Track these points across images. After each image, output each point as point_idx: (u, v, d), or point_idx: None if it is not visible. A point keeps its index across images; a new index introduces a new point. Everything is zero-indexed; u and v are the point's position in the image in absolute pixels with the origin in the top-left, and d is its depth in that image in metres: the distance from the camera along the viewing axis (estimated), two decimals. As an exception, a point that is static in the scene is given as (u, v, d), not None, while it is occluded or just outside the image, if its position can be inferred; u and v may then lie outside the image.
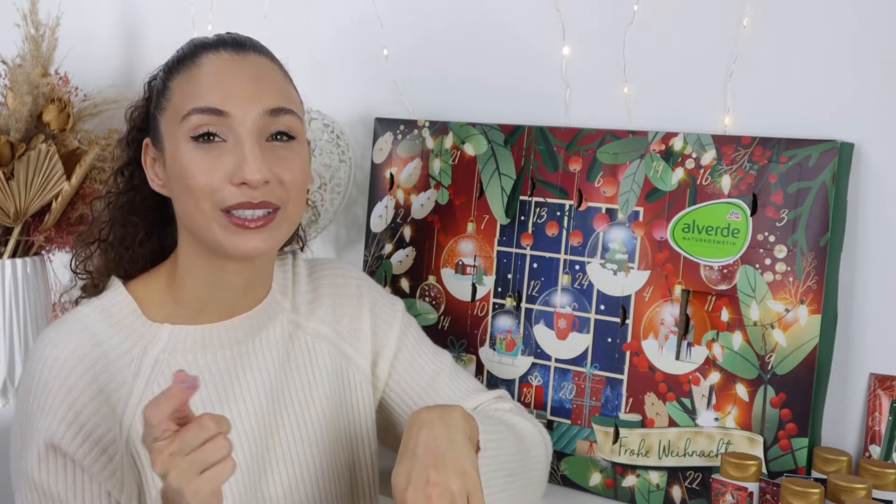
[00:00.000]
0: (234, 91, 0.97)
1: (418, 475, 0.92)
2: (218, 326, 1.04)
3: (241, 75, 0.98)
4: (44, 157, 1.48)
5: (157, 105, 1.02)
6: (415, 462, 0.93)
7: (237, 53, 1.00)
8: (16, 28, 1.55)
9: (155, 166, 1.03)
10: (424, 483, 0.92)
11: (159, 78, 1.04)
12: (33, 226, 1.55)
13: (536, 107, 1.34)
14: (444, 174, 1.36)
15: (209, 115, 0.96)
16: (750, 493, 1.04)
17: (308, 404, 1.08)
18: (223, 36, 1.03)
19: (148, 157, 1.04)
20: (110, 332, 1.01)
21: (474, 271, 1.33)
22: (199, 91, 0.97)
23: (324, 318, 1.12)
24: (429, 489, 0.91)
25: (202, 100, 0.97)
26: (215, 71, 0.98)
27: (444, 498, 0.91)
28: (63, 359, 0.97)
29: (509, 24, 1.36)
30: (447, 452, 0.94)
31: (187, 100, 0.98)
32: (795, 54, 1.15)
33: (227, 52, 1.00)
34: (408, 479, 0.92)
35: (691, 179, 1.16)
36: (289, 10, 1.58)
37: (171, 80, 1.00)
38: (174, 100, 0.99)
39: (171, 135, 0.99)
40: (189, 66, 1.00)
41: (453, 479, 0.92)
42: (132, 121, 1.08)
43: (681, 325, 1.16)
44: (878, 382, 1.11)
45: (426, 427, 0.96)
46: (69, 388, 0.96)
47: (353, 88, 1.52)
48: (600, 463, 1.21)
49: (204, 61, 0.99)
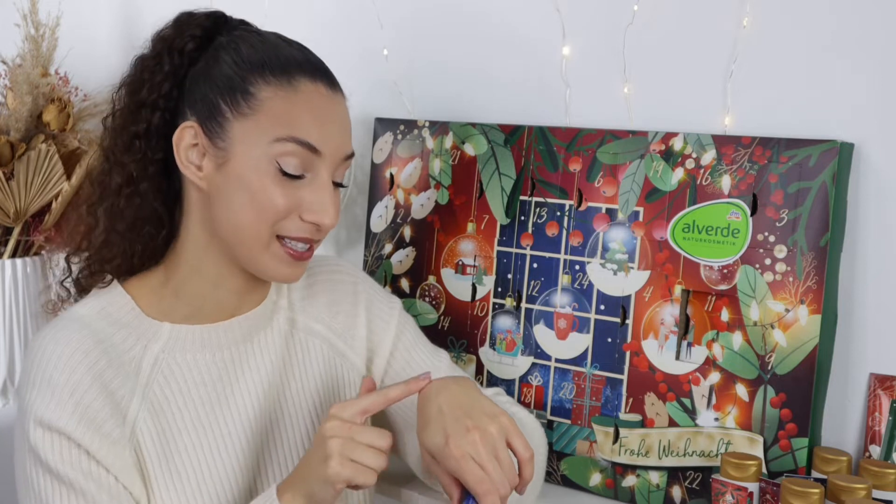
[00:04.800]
0: (330, 134, 0.99)
1: (454, 427, 0.92)
2: (217, 327, 1.04)
3: (336, 118, 1.01)
4: (44, 157, 1.48)
5: (232, 102, 0.97)
6: (444, 419, 0.93)
7: (331, 91, 1.01)
8: (16, 28, 1.55)
9: (193, 153, 0.99)
10: (464, 431, 0.91)
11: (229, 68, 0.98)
12: (33, 226, 1.55)
13: (536, 107, 1.34)
14: (444, 174, 1.36)
15: (306, 150, 0.97)
16: (750, 493, 1.04)
17: (303, 402, 1.08)
18: (311, 57, 1.02)
19: (186, 138, 0.99)
20: (111, 331, 1.00)
21: (474, 271, 1.33)
22: (299, 121, 0.97)
23: (317, 314, 1.13)
24: (470, 434, 0.91)
25: (303, 132, 0.97)
26: (316, 105, 0.99)
27: (488, 440, 0.91)
28: (67, 355, 0.96)
29: (509, 23, 1.36)
30: (473, 403, 0.95)
31: (285, 124, 0.97)
32: (795, 54, 1.15)
33: (324, 87, 1.00)
34: (445, 435, 0.92)
35: (691, 179, 1.16)
36: (288, 10, 1.58)
37: (256, 87, 0.97)
38: (264, 113, 0.97)
39: (249, 145, 0.97)
40: (284, 86, 0.98)
41: (489, 423, 0.92)
42: (150, 82, 1.01)
43: (681, 325, 1.16)
44: (878, 382, 1.11)
45: (442, 391, 0.96)
46: (75, 385, 0.95)
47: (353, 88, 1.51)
48: (600, 463, 1.21)
49: (302, 88, 0.99)
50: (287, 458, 1.06)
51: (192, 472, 0.99)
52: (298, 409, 1.08)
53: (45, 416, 0.94)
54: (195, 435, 1.01)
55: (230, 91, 0.98)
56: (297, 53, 1.01)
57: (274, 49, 1.00)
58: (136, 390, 0.99)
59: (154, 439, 0.99)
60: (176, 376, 1.01)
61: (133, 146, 1.01)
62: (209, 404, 1.02)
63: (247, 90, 0.97)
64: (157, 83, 1.01)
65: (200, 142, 0.98)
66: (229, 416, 1.03)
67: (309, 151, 0.97)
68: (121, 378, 0.98)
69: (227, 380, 1.03)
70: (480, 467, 0.90)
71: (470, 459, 0.90)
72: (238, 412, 1.03)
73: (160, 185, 1.03)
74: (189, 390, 1.02)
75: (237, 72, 0.98)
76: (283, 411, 1.07)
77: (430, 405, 0.95)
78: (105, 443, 0.95)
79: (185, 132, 0.99)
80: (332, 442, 0.89)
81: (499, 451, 0.91)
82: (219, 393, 1.03)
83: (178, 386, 1.01)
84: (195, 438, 1.01)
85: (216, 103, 0.98)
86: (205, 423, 1.01)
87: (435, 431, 0.93)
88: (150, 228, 1.03)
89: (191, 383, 1.02)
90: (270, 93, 0.97)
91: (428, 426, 0.94)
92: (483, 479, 0.90)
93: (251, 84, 0.98)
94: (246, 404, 1.04)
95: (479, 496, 0.90)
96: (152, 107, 1.00)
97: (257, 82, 0.98)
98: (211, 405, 1.02)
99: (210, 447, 1.01)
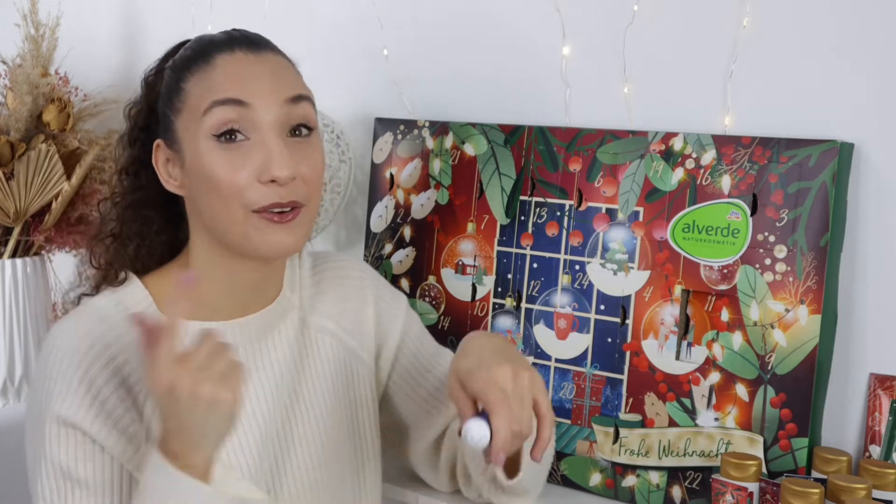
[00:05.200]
0: (254, 84, 0.97)
1: (492, 358, 0.91)
2: (231, 324, 1.05)
3: (259, 71, 0.99)
4: (44, 157, 1.48)
5: (171, 106, 1.01)
6: (484, 352, 0.93)
7: (252, 52, 1.00)
8: (16, 28, 1.55)
9: (169, 167, 1.02)
10: (500, 363, 0.91)
11: (167, 77, 1.03)
12: (33, 226, 1.55)
13: (536, 107, 1.34)
14: (444, 174, 1.36)
15: (230, 107, 0.96)
16: (750, 493, 1.04)
17: (315, 398, 1.09)
18: (234, 34, 1.02)
19: (160, 157, 1.03)
20: (129, 325, 1.01)
21: (474, 271, 1.33)
22: (217, 86, 0.97)
23: (327, 311, 1.13)
24: (504, 368, 0.90)
25: (222, 93, 0.97)
26: (233, 69, 0.98)
27: (519, 381, 0.90)
28: (85, 348, 0.96)
29: (509, 23, 1.36)
30: (513, 352, 0.95)
31: (205, 96, 0.97)
32: (795, 54, 1.15)
33: (242, 52, 1.00)
34: (480, 361, 0.91)
35: (691, 179, 1.16)
36: (288, 10, 1.58)
37: (185, 82, 1.00)
38: (190, 100, 0.99)
39: (189, 135, 0.98)
40: (203, 67, 0.99)
41: (524, 368, 0.92)
42: (132, 119, 1.07)
43: (681, 325, 1.16)
44: (878, 382, 1.11)
45: (484, 336, 0.97)
46: (92, 379, 0.95)
47: (353, 88, 1.52)
48: (600, 463, 1.21)
49: (219, 61, 0.99)
50: (300, 455, 1.06)
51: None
52: (311, 407, 1.08)
53: (62, 411, 0.94)
54: None
55: (169, 97, 1.02)
56: (221, 36, 1.02)
57: (199, 43, 1.02)
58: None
59: None
60: None
61: (129, 180, 1.07)
62: None
63: (179, 88, 1.00)
64: (134, 117, 1.07)
65: (168, 154, 1.02)
66: (242, 412, 1.03)
67: (236, 106, 0.96)
68: (139, 373, 0.98)
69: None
70: (503, 394, 0.90)
71: (496, 385, 0.90)
72: (252, 409, 1.03)
73: (166, 207, 1.07)
74: None
75: (172, 77, 1.02)
76: (295, 408, 1.07)
77: (472, 342, 0.97)
78: (122, 438, 0.95)
79: (157, 152, 1.03)
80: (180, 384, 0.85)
81: (524, 394, 0.91)
82: None
83: None
84: None
85: (165, 113, 1.02)
86: None
87: (471, 357, 0.93)
88: (164, 252, 1.08)
89: None
90: (193, 80, 0.99)
91: (465, 354, 0.95)
92: (503, 400, 0.89)
93: (182, 81, 1.00)
94: (259, 401, 1.04)
95: (494, 414, 0.89)
96: (131, 141, 1.07)
97: (184, 78, 1.00)
98: None
99: (224, 443, 1.01)
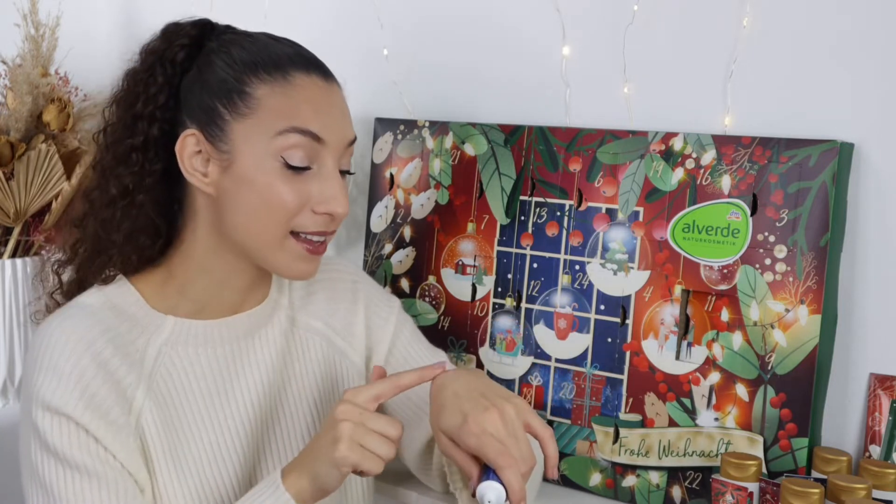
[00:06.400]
0: (330, 122, 1.00)
1: (473, 406, 0.91)
2: (220, 323, 1.06)
3: (334, 106, 1.02)
4: (44, 157, 1.48)
5: (231, 106, 0.98)
6: (461, 401, 0.93)
7: (326, 81, 1.02)
8: (16, 28, 1.55)
9: (196, 160, 1.00)
10: (483, 409, 0.91)
11: (222, 70, 0.99)
12: (33, 226, 1.55)
13: (536, 107, 1.34)
14: (444, 174, 1.36)
15: (308, 139, 0.98)
16: (750, 493, 1.04)
17: (302, 398, 1.10)
18: (302, 51, 1.03)
19: (188, 147, 1.00)
20: (117, 321, 1.02)
21: (474, 271, 1.33)
22: (299, 112, 0.98)
23: (317, 312, 1.14)
24: (489, 413, 0.90)
25: (304, 122, 0.98)
26: (312, 96, 1.00)
27: (507, 418, 0.91)
28: (74, 342, 0.97)
29: (509, 23, 1.37)
30: (488, 386, 0.95)
31: (285, 117, 0.97)
32: (795, 54, 1.15)
33: (319, 78, 1.01)
34: (463, 414, 0.91)
35: (691, 179, 1.16)
36: (288, 10, 1.58)
37: (253, 87, 0.98)
38: (262, 112, 0.98)
39: (250, 145, 0.98)
40: (280, 82, 0.99)
41: (505, 403, 0.92)
42: (151, 97, 1.01)
43: (681, 325, 1.16)
44: (878, 382, 1.11)
45: (456, 379, 0.96)
46: (81, 372, 0.96)
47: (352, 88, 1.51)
48: (600, 463, 1.21)
49: (298, 82, 0.99)
50: (285, 451, 1.07)
51: (194, 462, 1.01)
52: (298, 405, 1.09)
53: (52, 401, 0.94)
54: (197, 426, 1.02)
55: (226, 94, 0.99)
56: (288, 49, 1.02)
57: (265, 48, 1.01)
58: (141, 380, 1.00)
59: (158, 428, 1.00)
60: (178, 369, 1.03)
61: (130, 159, 1.02)
62: (210, 397, 1.04)
63: (243, 91, 0.98)
64: (151, 95, 1.02)
65: (203, 148, 1.00)
66: (229, 409, 1.05)
67: (312, 140, 0.98)
68: (126, 367, 0.99)
69: (228, 375, 1.05)
70: (500, 443, 0.90)
71: (490, 435, 0.90)
72: (238, 406, 1.05)
73: (158, 196, 1.03)
74: (191, 383, 1.03)
75: (231, 74, 0.99)
76: (282, 406, 1.08)
77: (444, 392, 0.95)
78: (111, 429, 0.96)
79: (186, 140, 1.00)
80: (343, 425, 0.90)
81: (517, 429, 0.91)
82: (219, 387, 1.04)
83: (180, 378, 1.03)
84: (197, 430, 1.02)
85: (214, 108, 0.99)
86: (206, 416, 1.03)
87: (452, 413, 0.92)
88: (146, 239, 1.04)
89: (192, 377, 1.03)
90: (267, 90, 0.98)
91: (444, 410, 0.94)
92: (504, 451, 0.89)
93: (246, 84, 0.99)
94: (245, 399, 1.06)
95: (501, 469, 0.89)
96: (149, 119, 1.01)
97: (252, 82, 0.99)
98: (212, 398, 1.04)
99: (211, 439, 1.03)
